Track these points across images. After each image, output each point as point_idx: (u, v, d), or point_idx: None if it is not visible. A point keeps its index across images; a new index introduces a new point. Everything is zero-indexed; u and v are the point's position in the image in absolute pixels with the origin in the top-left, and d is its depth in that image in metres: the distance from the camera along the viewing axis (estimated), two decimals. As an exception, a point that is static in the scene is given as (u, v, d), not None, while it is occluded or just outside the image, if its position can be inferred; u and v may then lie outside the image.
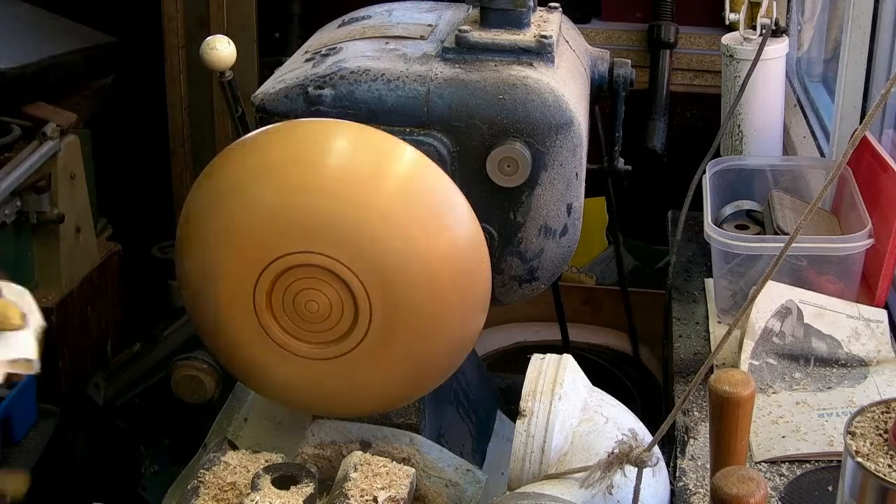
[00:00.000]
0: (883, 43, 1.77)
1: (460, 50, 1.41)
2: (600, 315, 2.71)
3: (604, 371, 2.52)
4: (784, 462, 1.31)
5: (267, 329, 1.25)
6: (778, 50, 1.94)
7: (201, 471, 1.35)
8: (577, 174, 1.40)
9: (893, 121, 1.81)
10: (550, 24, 1.50)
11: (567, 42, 1.56)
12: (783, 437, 1.34)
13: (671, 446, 1.39)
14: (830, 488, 1.24)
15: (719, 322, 1.66)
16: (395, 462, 1.34)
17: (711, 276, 1.72)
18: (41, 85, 2.56)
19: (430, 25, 1.55)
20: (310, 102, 1.39)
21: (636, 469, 1.14)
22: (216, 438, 1.56)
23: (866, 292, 1.60)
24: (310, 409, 1.46)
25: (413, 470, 1.34)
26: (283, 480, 1.25)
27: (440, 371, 1.33)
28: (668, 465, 1.32)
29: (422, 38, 1.50)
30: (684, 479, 1.30)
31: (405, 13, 1.63)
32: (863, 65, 1.79)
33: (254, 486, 1.24)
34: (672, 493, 1.28)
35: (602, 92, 1.60)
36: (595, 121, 1.67)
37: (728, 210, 1.82)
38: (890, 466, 0.92)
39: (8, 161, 2.29)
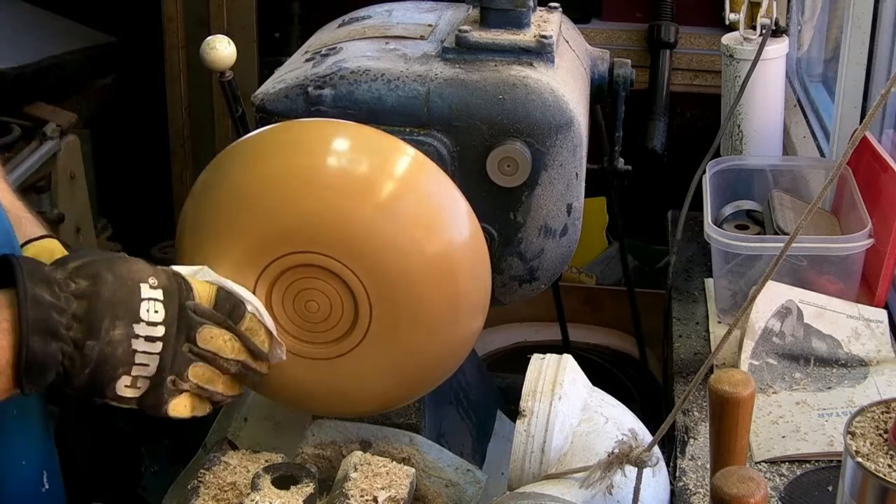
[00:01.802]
0: (883, 43, 1.77)
1: (460, 50, 1.41)
2: (600, 315, 2.71)
3: (604, 371, 2.52)
4: (784, 462, 1.31)
5: (267, 329, 1.25)
6: (778, 50, 1.94)
7: (201, 471, 1.35)
8: (577, 174, 1.40)
9: (893, 121, 1.81)
10: (550, 24, 1.50)
11: (567, 42, 1.56)
12: (783, 437, 1.34)
13: (671, 446, 1.39)
14: (830, 488, 1.24)
15: (719, 322, 1.66)
16: (395, 462, 1.34)
17: (711, 276, 1.72)
18: (41, 85, 2.57)
19: (430, 25, 1.55)
20: (310, 102, 1.39)
21: (636, 469, 1.14)
22: (216, 438, 1.56)
23: (866, 292, 1.60)
24: (310, 409, 1.46)
25: (413, 470, 1.34)
26: (283, 480, 1.24)
27: (440, 371, 1.33)
28: (668, 465, 1.32)
29: (422, 38, 1.50)
30: (684, 479, 1.30)
31: (405, 13, 1.63)
32: (863, 65, 1.79)
33: (254, 486, 1.24)
34: (672, 493, 1.28)
35: (602, 92, 1.60)
36: (595, 121, 1.67)
37: (728, 210, 1.82)
38: (890, 466, 0.92)
39: (8, 161, 2.29)
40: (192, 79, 3.04)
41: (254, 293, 1.23)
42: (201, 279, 1.16)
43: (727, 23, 2.15)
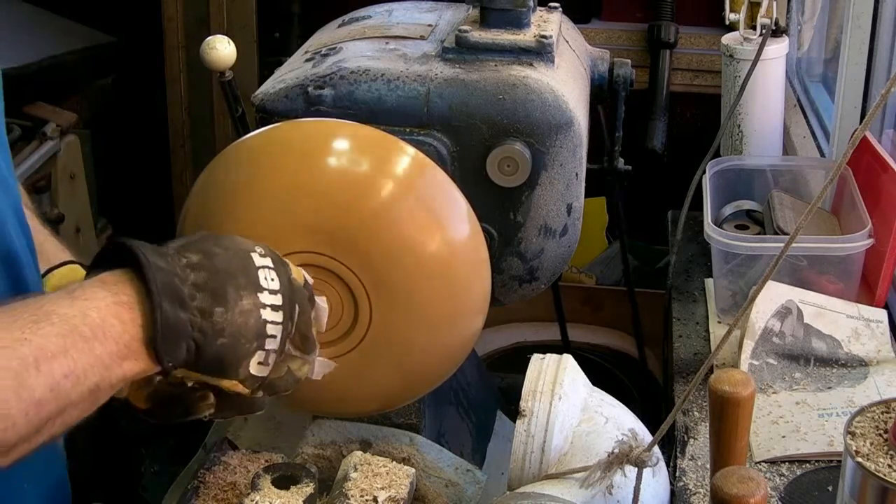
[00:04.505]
0: (883, 43, 1.77)
1: (460, 50, 1.41)
2: (600, 315, 2.71)
3: (604, 371, 2.52)
4: (784, 462, 1.31)
5: (267, 329, 1.25)
6: (778, 50, 1.94)
7: (201, 471, 1.35)
8: (577, 174, 1.40)
9: (893, 121, 1.81)
10: (550, 24, 1.50)
11: (567, 42, 1.56)
12: (783, 437, 1.34)
13: (671, 446, 1.39)
14: (830, 488, 1.24)
15: (719, 322, 1.66)
16: (395, 462, 1.34)
17: (711, 276, 1.72)
18: (41, 85, 2.57)
19: (430, 25, 1.55)
20: (310, 102, 1.39)
21: (636, 469, 1.14)
22: (216, 438, 1.56)
23: (866, 292, 1.60)
24: (310, 409, 1.46)
25: (413, 470, 1.34)
26: (283, 480, 1.24)
27: (441, 371, 1.33)
28: (668, 465, 1.32)
29: (422, 38, 1.50)
30: (684, 479, 1.30)
31: (405, 13, 1.63)
32: (863, 65, 1.79)
33: (254, 486, 1.24)
34: (672, 493, 1.28)
35: (602, 92, 1.60)
36: (595, 121, 1.67)
37: (728, 210, 1.82)
38: (890, 466, 0.92)
39: (8, 161, 2.28)
40: (192, 79, 3.03)
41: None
42: None
43: (727, 23, 2.15)
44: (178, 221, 1.30)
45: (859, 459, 0.93)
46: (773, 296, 1.51)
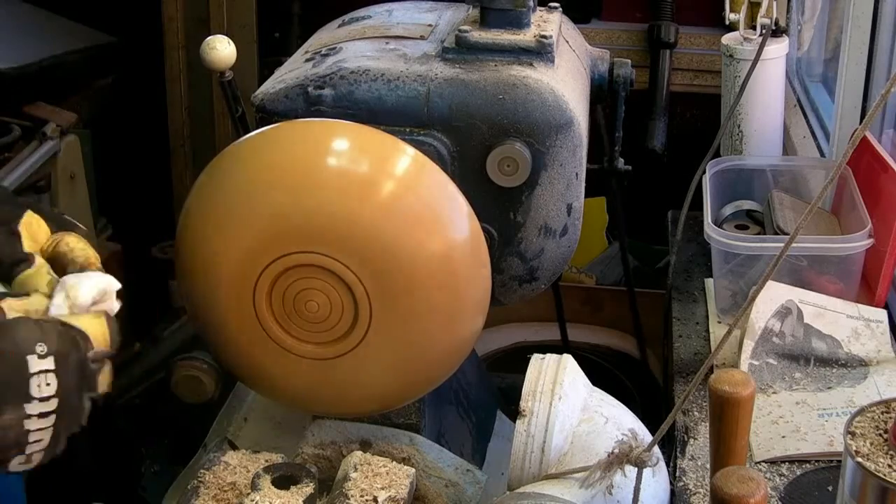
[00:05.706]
0: (883, 43, 1.77)
1: (460, 50, 1.41)
2: (600, 315, 2.71)
3: (604, 371, 2.52)
4: (784, 462, 1.31)
5: (267, 329, 1.26)
6: (778, 50, 1.94)
7: (201, 471, 1.35)
8: (577, 174, 1.40)
9: (893, 121, 1.81)
10: (550, 24, 1.50)
11: (567, 42, 1.56)
12: (783, 437, 1.34)
13: (671, 446, 1.39)
14: (830, 488, 1.24)
15: (719, 322, 1.66)
16: (395, 462, 1.34)
17: (711, 276, 1.72)
18: (41, 85, 2.56)
19: (430, 25, 1.55)
20: (310, 102, 1.39)
21: (636, 469, 1.14)
22: (216, 438, 1.56)
23: (866, 292, 1.60)
24: (310, 409, 1.46)
25: (413, 470, 1.34)
26: (283, 480, 1.25)
27: (440, 371, 1.33)
28: (668, 465, 1.32)
29: (422, 38, 1.50)
30: (684, 479, 1.30)
31: (405, 13, 1.63)
32: (863, 65, 1.79)
33: (254, 486, 1.24)
34: (672, 493, 1.28)
35: (602, 92, 1.60)
36: (595, 121, 1.67)
37: (728, 210, 1.82)
38: (890, 466, 0.92)
39: (8, 161, 2.28)
40: (192, 79, 3.03)
41: (253, 293, 1.23)
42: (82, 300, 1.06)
43: (727, 23, 2.15)
44: (178, 221, 1.30)
45: (859, 459, 0.93)
46: (773, 296, 1.51)
